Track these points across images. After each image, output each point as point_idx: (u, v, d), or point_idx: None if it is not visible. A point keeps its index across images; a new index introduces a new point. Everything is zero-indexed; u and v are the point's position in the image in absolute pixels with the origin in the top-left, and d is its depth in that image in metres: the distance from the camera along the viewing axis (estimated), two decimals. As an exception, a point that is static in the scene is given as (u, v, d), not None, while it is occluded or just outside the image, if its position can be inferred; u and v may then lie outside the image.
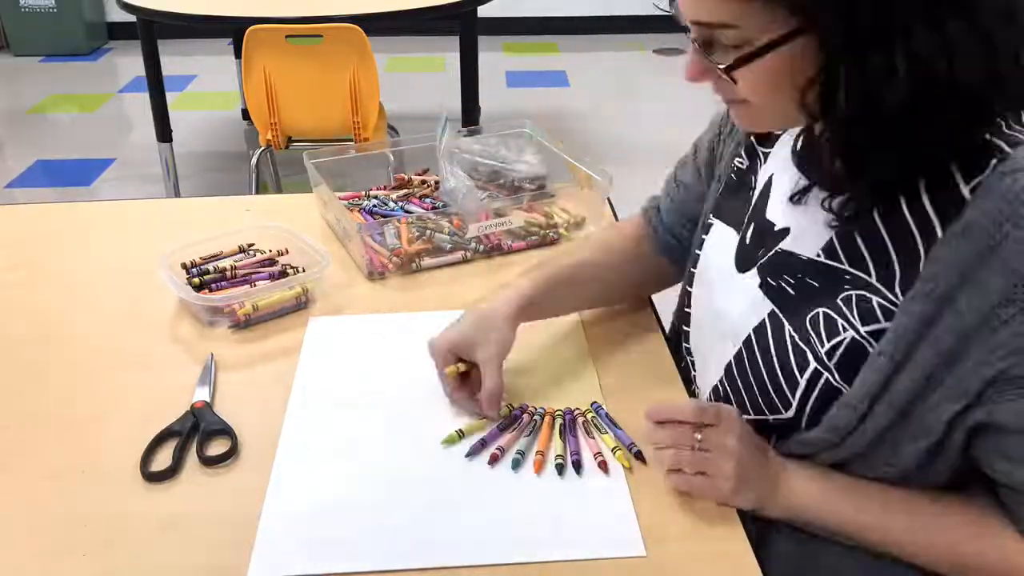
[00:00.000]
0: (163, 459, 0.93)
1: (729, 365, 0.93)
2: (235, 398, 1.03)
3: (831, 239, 0.84)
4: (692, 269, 1.05)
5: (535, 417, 0.98)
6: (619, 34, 5.65)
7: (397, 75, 4.95)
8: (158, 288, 1.21)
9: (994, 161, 0.73)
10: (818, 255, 0.85)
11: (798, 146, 0.91)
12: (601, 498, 0.88)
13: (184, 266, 1.26)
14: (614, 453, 0.93)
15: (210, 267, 1.26)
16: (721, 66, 0.76)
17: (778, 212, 0.92)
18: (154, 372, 1.08)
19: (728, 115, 1.06)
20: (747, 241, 0.95)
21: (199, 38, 5.04)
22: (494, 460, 0.93)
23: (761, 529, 0.89)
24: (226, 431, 0.97)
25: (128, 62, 5.24)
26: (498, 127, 1.51)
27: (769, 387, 0.88)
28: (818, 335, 0.83)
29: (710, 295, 0.99)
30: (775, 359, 0.87)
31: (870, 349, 0.80)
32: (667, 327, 1.19)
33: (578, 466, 0.92)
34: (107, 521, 0.86)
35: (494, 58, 5.15)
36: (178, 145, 3.30)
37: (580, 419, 0.98)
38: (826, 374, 0.83)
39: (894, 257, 0.79)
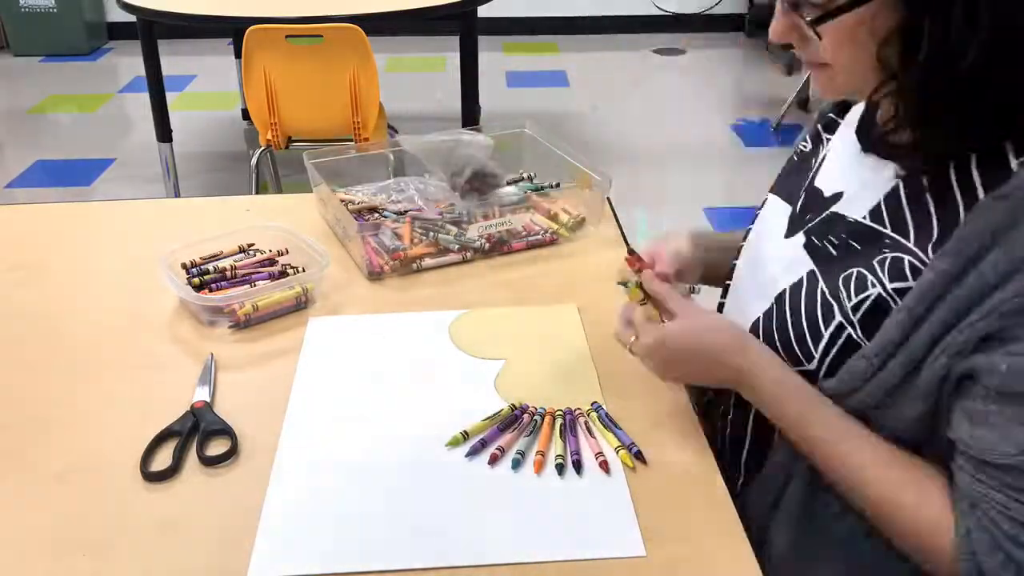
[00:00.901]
0: (163, 459, 0.93)
1: (757, 321, 0.95)
2: (235, 398, 1.03)
3: (879, 203, 0.86)
4: (742, 243, 1.07)
5: (535, 417, 0.98)
6: (619, 34, 5.65)
7: (397, 75, 4.95)
8: (158, 288, 1.21)
9: None
10: (864, 217, 0.87)
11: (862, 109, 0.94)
12: (601, 498, 0.88)
13: (184, 266, 1.26)
14: (617, 453, 0.93)
15: (210, 267, 1.26)
16: (808, 18, 0.78)
17: (829, 179, 0.94)
18: (154, 372, 1.08)
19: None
20: (797, 210, 0.97)
21: (199, 38, 5.04)
22: (494, 460, 0.93)
23: (761, 529, 0.89)
24: (226, 431, 0.97)
25: (128, 62, 5.25)
26: (498, 127, 1.51)
27: (793, 341, 0.89)
28: (847, 291, 0.85)
29: (754, 262, 1.01)
30: (803, 314, 0.89)
31: (894, 305, 0.81)
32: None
33: (578, 466, 0.92)
34: (107, 521, 0.86)
35: (494, 58, 5.15)
36: (178, 145, 3.30)
37: (580, 419, 0.98)
38: (849, 329, 0.84)
39: (934, 220, 0.81)
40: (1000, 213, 0.74)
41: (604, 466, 0.91)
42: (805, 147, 1.04)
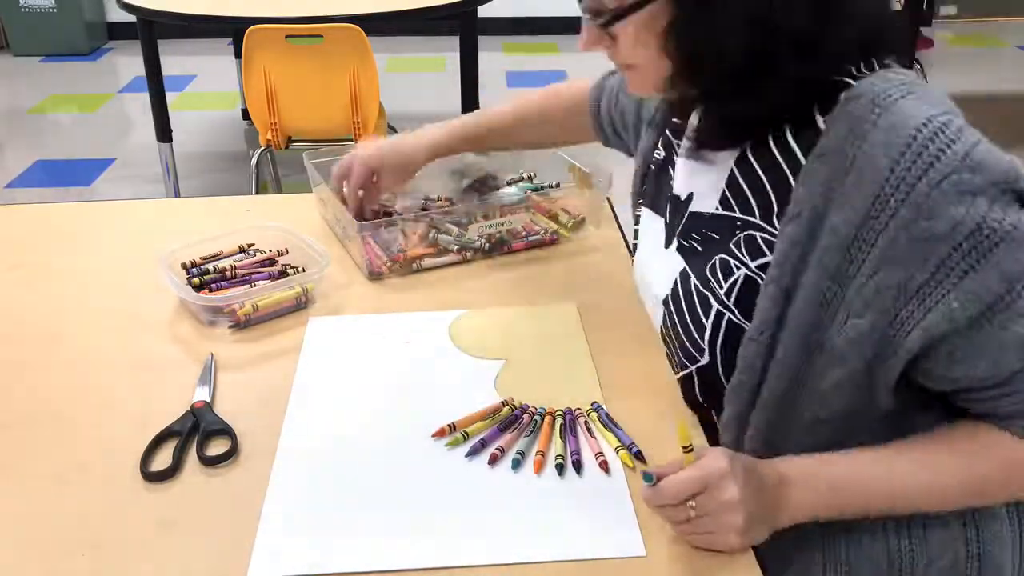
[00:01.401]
0: (163, 459, 0.93)
1: (661, 330, 1.00)
2: (235, 398, 1.03)
3: (723, 191, 0.91)
4: (635, 264, 1.10)
5: (535, 417, 0.98)
6: (619, 34, 5.64)
7: (397, 75, 4.95)
8: (158, 288, 1.21)
9: (843, 95, 0.81)
10: (716, 208, 0.92)
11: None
12: (601, 498, 0.88)
13: (184, 266, 1.26)
14: (617, 453, 0.93)
15: (210, 267, 1.26)
16: (599, 22, 0.85)
17: (681, 183, 0.99)
18: (154, 372, 1.08)
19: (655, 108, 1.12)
20: (667, 220, 1.01)
21: (199, 38, 5.04)
22: (494, 460, 0.93)
23: None
24: (226, 431, 0.97)
25: (128, 62, 5.25)
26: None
27: (684, 339, 0.93)
28: (716, 279, 0.90)
29: (644, 276, 1.05)
30: (686, 311, 0.93)
31: (760, 282, 0.85)
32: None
33: (578, 466, 0.92)
34: (107, 521, 0.86)
35: (494, 58, 5.16)
36: (178, 145, 3.30)
37: (580, 419, 0.98)
38: (728, 314, 0.88)
39: (771, 193, 0.86)
40: (823, 174, 0.79)
41: (604, 466, 0.91)
42: (659, 155, 1.07)
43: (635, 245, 1.10)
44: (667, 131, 1.06)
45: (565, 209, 1.41)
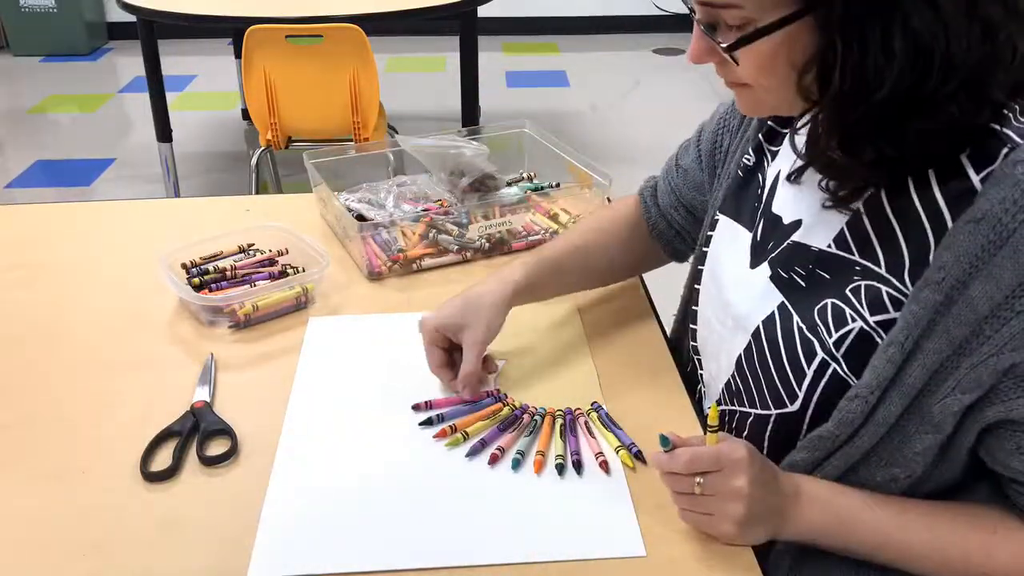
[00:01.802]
0: (163, 459, 0.93)
1: (739, 358, 0.93)
2: (235, 398, 1.03)
3: (843, 229, 0.84)
4: (700, 267, 1.05)
5: (535, 417, 0.98)
6: (619, 34, 5.65)
7: (397, 75, 4.95)
8: (158, 288, 1.21)
9: (1005, 150, 0.74)
10: (829, 246, 0.85)
11: (798, 129, 0.92)
12: (601, 498, 0.88)
13: (184, 266, 1.26)
14: (617, 453, 0.93)
15: (210, 267, 1.26)
16: (723, 45, 0.77)
17: (787, 206, 0.92)
18: (154, 372, 1.08)
19: (733, 108, 1.06)
20: (758, 237, 0.94)
21: (199, 38, 5.04)
22: (494, 460, 0.93)
23: None
24: (226, 431, 0.97)
25: (128, 62, 5.24)
26: (498, 127, 1.51)
27: (776, 380, 0.87)
28: (826, 326, 0.83)
29: (720, 291, 0.98)
30: (783, 351, 0.86)
31: (879, 340, 0.80)
32: (667, 328, 1.19)
33: (578, 466, 0.92)
34: (107, 521, 0.86)
35: (494, 58, 5.15)
36: (178, 145, 3.30)
37: (580, 419, 0.98)
38: (833, 365, 0.82)
39: (904, 246, 0.79)
40: (975, 241, 0.73)
41: (604, 466, 0.91)
42: (748, 160, 1.01)
43: (703, 252, 1.04)
44: (759, 135, 1.00)
45: (565, 209, 1.42)
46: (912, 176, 0.79)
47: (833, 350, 0.82)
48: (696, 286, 1.05)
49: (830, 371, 0.82)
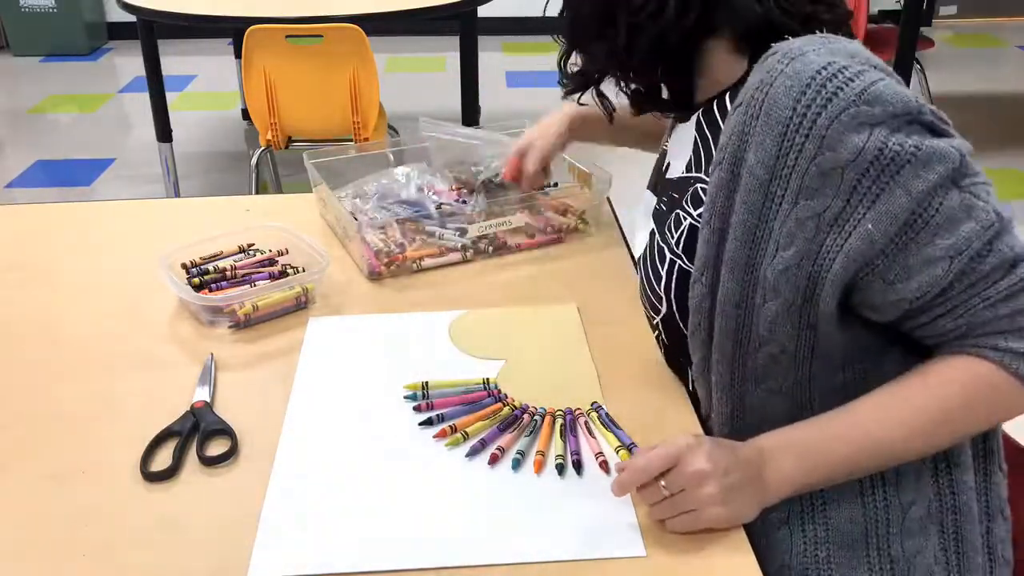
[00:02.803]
0: (163, 459, 0.93)
1: (637, 290, 1.06)
2: (235, 398, 1.03)
3: (690, 157, 0.98)
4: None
5: (535, 417, 0.98)
6: (619, 34, 5.64)
7: (397, 75, 4.95)
8: (158, 288, 1.21)
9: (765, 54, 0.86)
10: (683, 172, 0.99)
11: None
12: (601, 498, 0.88)
13: (184, 266, 1.26)
14: (617, 453, 0.93)
15: (210, 267, 1.26)
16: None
17: (668, 156, 1.06)
18: (154, 372, 1.08)
19: None
20: (657, 193, 1.06)
21: (199, 38, 5.04)
22: (494, 460, 0.93)
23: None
24: (226, 431, 0.97)
25: (128, 62, 5.24)
26: (498, 127, 1.50)
27: (649, 293, 1.01)
28: (672, 232, 0.97)
29: (637, 250, 1.09)
30: (649, 266, 1.00)
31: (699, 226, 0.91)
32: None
33: (578, 466, 0.92)
34: (107, 521, 0.86)
35: (494, 58, 5.15)
36: (178, 145, 3.30)
37: (580, 419, 0.98)
38: (678, 262, 0.95)
39: (712, 147, 0.93)
40: (740, 118, 0.84)
41: (604, 466, 0.91)
42: (665, 144, 1.10)
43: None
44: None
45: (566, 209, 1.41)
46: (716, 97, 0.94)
47: (675, 247, 0.96)
48: None
49: (677, 268, 0.96)
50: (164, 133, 3.20)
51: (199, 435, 0.96)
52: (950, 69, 5.05)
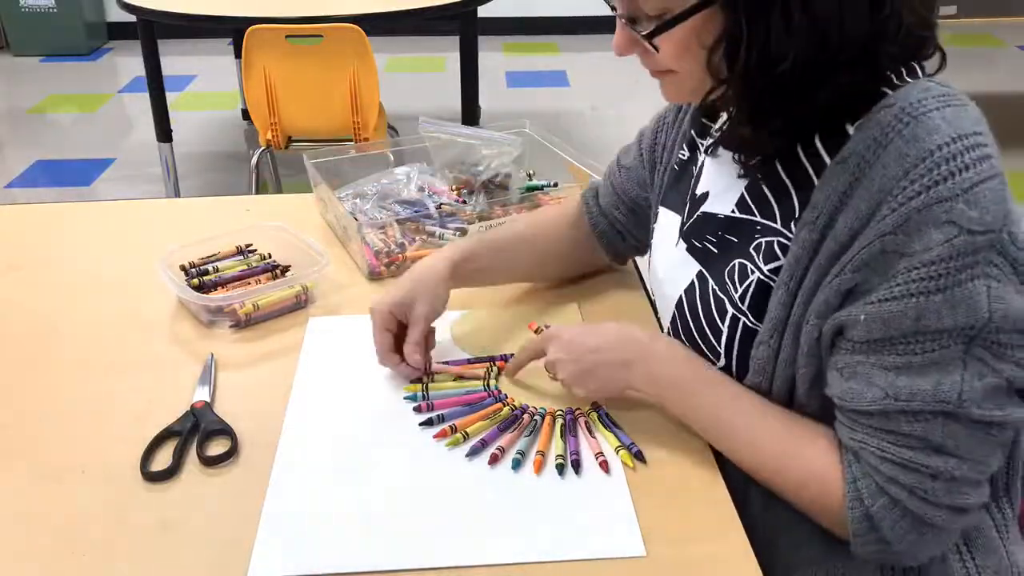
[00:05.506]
0: (163, 459, 0.93)
1: (668, 330, 1.01)
2: (235, 398, 1.03)
3: (742, 194, 0.91)
4: (651, 262, 1.10)
5: (535, 417, 0.98)
6: (619, 34, 5.64)
7: (397, 75, 4.95)
8: (158, 288, 1.21)
9: (879, 104, 0.80)
10: (733, 211, 0.92)
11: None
12: (601, 498, 0.88)
13: (183, 267, 1.26)
14: (617, 453, 0.93)
15: (210, 267, 1.26)
16: (643, 33, 0.83)
17: (703, 182, 0.99)
18: (154, 372, 1.08)
19: (668, 106, 1.12)
20: (684, 218, 1.01)
21: (199, 38, 5.04)
22: (494, 460, 0.93)
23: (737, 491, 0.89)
24: (226, 431, 0.97)
25: (128, 62, 5.24)
26: (498, 127, 1.51)
27: (701, 343, 0.94)
28: (733, 283, 0.90)
29: (655, 276, 1.05)
30: (702, 315, 0.94)
31: (772, 285, 0.86)
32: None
33: (578, 466, 0.92)
34: (107, 521, 0.86)
35: (494, 58, 5.15)
36: (178, 145, 3.30)
37: (580, 419, 0.98)
38: (742, 318, 0.89)
39: (795, 198, 0.85)
40: (842, 178, 0.79)
41: (604, 466, 0.91)
42: (683, 155, 1.06)
43: (650, 249, 1.10)
44: (692, 131, 1.05)
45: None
46: (800, 140, 0.85)
47: (739, 303, 0.89)
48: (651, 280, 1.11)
49: (740, 325, 0.89)
50: (164, 133, 3.20)
51: (199, 435, 0.96)
52: (950, 69, 4.98)
